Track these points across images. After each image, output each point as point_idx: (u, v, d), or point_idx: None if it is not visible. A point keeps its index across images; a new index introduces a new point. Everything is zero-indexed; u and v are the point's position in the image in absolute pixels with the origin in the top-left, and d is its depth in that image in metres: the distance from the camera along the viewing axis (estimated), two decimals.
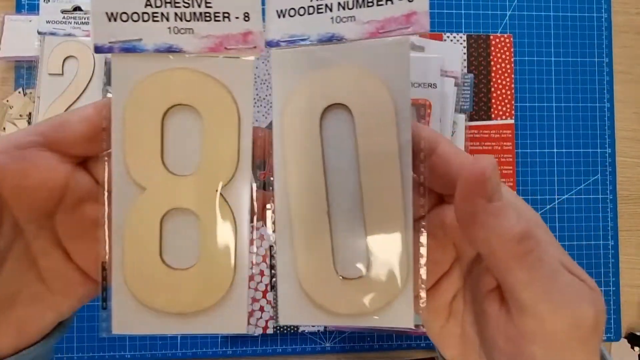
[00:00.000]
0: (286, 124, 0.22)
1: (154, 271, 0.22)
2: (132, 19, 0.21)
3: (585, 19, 0.54)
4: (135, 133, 0.22)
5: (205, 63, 0.22)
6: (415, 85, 0.45)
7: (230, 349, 0.49)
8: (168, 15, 0.21)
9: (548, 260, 0.20)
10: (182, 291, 0.22)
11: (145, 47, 0.21)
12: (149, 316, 0.22)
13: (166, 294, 0.22)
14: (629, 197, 0.54)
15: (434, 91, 0.45)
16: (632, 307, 0.54)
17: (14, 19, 0.47)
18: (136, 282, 0.22)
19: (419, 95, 0.45)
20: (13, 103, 0.47)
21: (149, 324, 0.22)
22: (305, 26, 0.21)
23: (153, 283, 0.22)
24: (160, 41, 0.21)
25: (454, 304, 0.24)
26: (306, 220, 0.22)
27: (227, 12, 0.21)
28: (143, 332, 0.22)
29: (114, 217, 0.22)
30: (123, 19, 0.21)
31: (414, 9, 0.21)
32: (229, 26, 0.21)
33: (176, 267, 0.22)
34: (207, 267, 0.22)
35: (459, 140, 0.50)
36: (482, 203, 0.20)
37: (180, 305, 0.22)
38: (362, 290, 0.22)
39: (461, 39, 0.52)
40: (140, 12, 0.21)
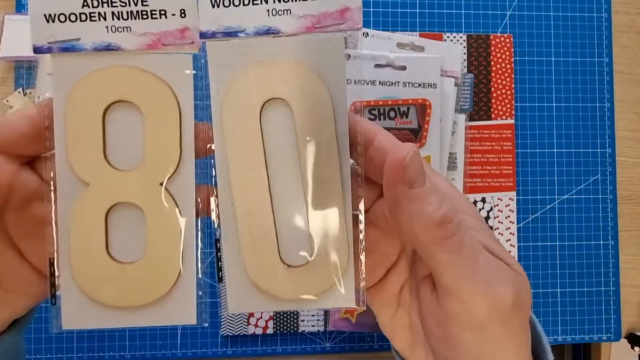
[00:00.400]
0: (226, 118, 0.22)
1: (100, 266, 0.22)
2: (70, 19, 0.22)
3: (585, 18, 0.54)
4: (76, 130, 0.22)
5: (144, 60, 0.22)
6: (415, 86, 0.46)
7: (230, 349, 0.49)
8: (105, 14, 0.22)
9: (470, 243, 0.21)
10: (129, 285, 0.22)
11: (84, 47, 0.22)
12: (98, 311, 0.22)
13: (114, 288, 0.22)
14: (629, 197, 0.54)
15: (433, 91, 0.46)
16: (632, 307, 0.54)
17: (14, 18, 0.47)
18: (84, 277, 0.22)
19: (419, 95, 0.45)
20: (13, 103, 0.47)
21: (99, 318, 0.22)
22: (240, 18, 0.22)
23: (100, 277, 0.22)
24: (98, 40, 0.22)
25: (402, 295, 0.25)
26: (250, 213, 0.22)
27: (164, 9, 0.22)
28: (93, 327, 0.23)
29: (60, 213, 0.22)
30: (61, 20, 0.22)
31: (347, 5, 0.21)
32: (166, 23, 0.22)
33: (123, 261, 0.22)
34: (153, 259, 0.22)
35: (459, 140, 0.50)
36: (404, 189, 0.20)
37: (128, 298, 0.22)
38: (307, 276, 0.23)
39: (461, 39, 0.52)
40: (77, 13, 0.22)
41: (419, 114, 0.45)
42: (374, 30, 0.49)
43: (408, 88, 0.45)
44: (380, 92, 0.45)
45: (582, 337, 0.52)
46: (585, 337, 0.52)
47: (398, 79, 0.46)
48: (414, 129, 0.45)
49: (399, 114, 0.45)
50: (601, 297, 0.53)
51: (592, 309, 0.52)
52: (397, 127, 0.45)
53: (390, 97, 0.45)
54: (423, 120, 0.45)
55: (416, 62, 0.46)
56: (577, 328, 0.52)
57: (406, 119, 0.45)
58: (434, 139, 0.45)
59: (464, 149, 0.50)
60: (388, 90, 0.45)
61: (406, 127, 0.45)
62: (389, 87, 0.45)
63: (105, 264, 0.22)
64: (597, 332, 0.53)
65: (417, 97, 0.45)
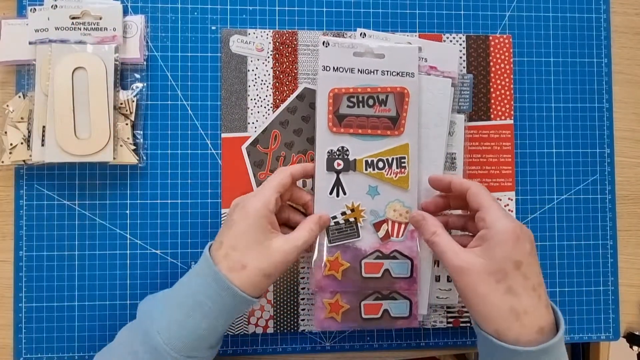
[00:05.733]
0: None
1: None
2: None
3: (584, 19, 0.54)
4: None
5: None
6: (394, 74, 0.47)
7: (231, 349, 0.49)
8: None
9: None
10: None
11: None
12: None
13: None
14: (627, 197, 0.55)
15: (411, 80, 0.47)
16: (631, 306, 0.54)
17: (12, 22, 0.47)
18: None
19: (397, 83, 0.47)
20: (13, 107, 0.47)
21: None
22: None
23: None
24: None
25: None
26: None
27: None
28: None
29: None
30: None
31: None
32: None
33: None
34: None
35: (458, 141, 0.50)
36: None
37: None
38: None
39: (461, 40, 0.52)
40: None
41: (397, 102, 0.46)
42: (371, 31, 0.49)
43: (387, 76, 0.47)
44: (359, 79, 0.46)
45: (581, 336, 0.53)
46: (584, 337, 0.53)
47: (377, 67, 0.47)
48: (392, 117, 0.46)
49: (378, 101, 0.46)
50: (600, 297, 0.53)
51: (590, 308, 0.53)
52: (376, 115, 0.46)
53: (369, 84, 0.46)
54: (401, 108, 0.46)
55: (394, 51, 0.47)
56: (576, 327, 0.53)
57: (385, 106, 0.46)
58: (412, 127, 0.47)
59: (464, 149, 0.50)
60: (367, 79, 0.46)
61: (385, 115, 0.46)
62: (367, 75, 0.46)
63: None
64: (596, 332, 0.53)
65: (396, 85, 0.47)
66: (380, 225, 0.47)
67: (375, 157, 0.46)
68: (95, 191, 0.49)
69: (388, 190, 0.47)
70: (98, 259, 0.48)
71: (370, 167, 0.46)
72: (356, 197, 0.46)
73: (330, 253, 0.46)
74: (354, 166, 0.46)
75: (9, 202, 0.48)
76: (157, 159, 0.49)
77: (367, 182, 0.47)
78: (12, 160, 0.46)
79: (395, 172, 0.47)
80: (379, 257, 0.46)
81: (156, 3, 0.50)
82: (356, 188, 0.46)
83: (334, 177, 0.46)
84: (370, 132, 0.46)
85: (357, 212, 0.46)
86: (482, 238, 0.39)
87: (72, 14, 0.47)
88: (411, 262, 0.46)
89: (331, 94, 0.46)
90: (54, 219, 0.48)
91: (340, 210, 0.46)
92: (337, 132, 0.46)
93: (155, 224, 0.49)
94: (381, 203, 0.47)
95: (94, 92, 0.46)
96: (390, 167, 0.46)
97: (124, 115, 0.48)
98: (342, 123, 0.46)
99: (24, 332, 0.47)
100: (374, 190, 0.47)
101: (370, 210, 0.47)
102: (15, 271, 0.48)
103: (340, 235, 0.46)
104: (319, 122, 0.46)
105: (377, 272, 0.46)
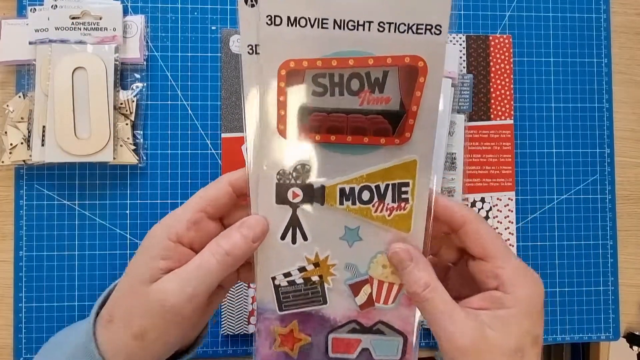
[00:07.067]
0: None
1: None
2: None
3: (584, 19, 0.54)
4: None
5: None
6: (401, 30, 0.25)
7: (231, 349, 0.49)
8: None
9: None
10: None
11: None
12: None
13: None
14: (627, 197, 0.55)
15: (432, 41, 0.26)
16: (630, 306, 0.54)
17: (11, 22, 0.47)
18: None
19: (406, 48, 0.26)
20: (13, 107, 0.47)
21: None
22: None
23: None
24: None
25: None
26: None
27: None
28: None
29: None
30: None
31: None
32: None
33: None
34: None
35: (458, 141, 0.50)
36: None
37: None
38: None
39: (461, 40, 0.52)
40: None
41: (402, 85, 0.26)
42: None
43: (387, 34, 0.25)
44: (335, 42, 0.26)
45: (581, 336, 0.53)
46: (584, 337, 0.53)
47: (369, 17, 0.25)
48: (392, 112, 0.27)
49: (368, 83, 0.26)
50: (600, 297, 0.53)
51: (591, 308, 0.53)
52: (363, 109, 0.27)
53: (353, 52, 0.26)
54: (410, 96, 0.26)
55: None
56: (576, 327, 0.52)
57: (380, 93, 0.26)
58: (426, 130, 0.27)
59: (464, 149, 0.50)
60: (350, 39, 0.25)
61: (379, 110, 0.27)
62: (351, 33, 0.25)
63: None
64: (596, 332, 0.53)
65: (403, 52, 0.25)
66: (360, 287, 0.31)
67: (358, 183, 0.29)
68: (95, 191, 0.49)
69: (376, 235, 0.30)
70: (98, 259, 0.48)
71: (348, 198, 0.29)
72: (324, 244, 0.30)
73: (283, 322, 0.31)
74: (322, 197, 0.29)
75: (9, 202, 0.48)
76: (157, 159, 0.49)
77: (343, 222, 0.30)
78: (12, 160, 0.46)
79: (390, 208, 0.29)
80: (356, 331, 0.32)
81: (156, 3, 0.50)
82: (324, 230, 0.30)
83: (288, 214, 0.29)
84: (351, 139, 0.28)
85: (324, 268, 0.30)
86: (495, 301, 0.29)
87: (72, 14, 0.47)
88: (404, 340, 0.32)
89: (283, 70, 0.27)
90: (54, 219, 0.48)
91: (298, 264, 0.30)
92: (293, 138, 0.28)
93: (155, 224, 0.49)
94: (364, 254, 0.30)
95: (94, 92, 0.46)
96: (381, 198, 0.29)
97: (124, 115, 0.48)
98: (303, 123, 0.27)
99: (24, 332, 0.47)
100: (354, 235, 0.30)
101: (345, 264, 0.31)
102: (15, 271, 0.48)
103: (297, 300, 0.31)
104: (261, 120, 0.28)
105: (350, 352, 0.32)
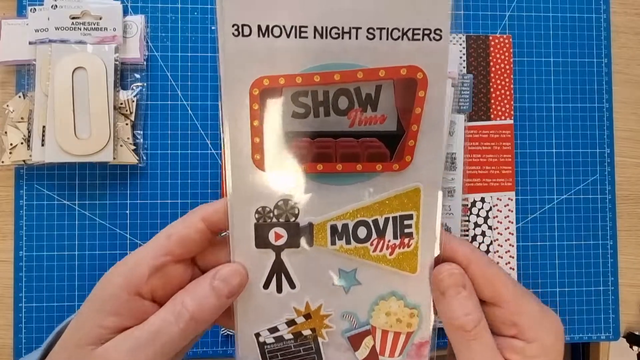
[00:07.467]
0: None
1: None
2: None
3: (584, 19, 0.54)
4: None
5: None
6: (395, 36, 0.23)
7: (231, 348, 0.49)
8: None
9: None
10: None
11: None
12: None
13: None
14: (627, 197, 0.55)
15: (433, 47, 0.23)
16: (631, 306, 0.54)
17: (11, 22, 0.47)
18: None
19: (403, 58, 0.23)
20: (13, 107, 0.47)
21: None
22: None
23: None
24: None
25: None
26: None
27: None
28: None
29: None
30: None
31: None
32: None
33: None
34: None
35: (458, 141, 0.50)
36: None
37: None
38: None
39: (460, 40, 0.52)
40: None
41: (400, 102, 0.23)
42: None
43: (379, 41, 0.22)
44: (318, 53, 0.23)
45: (581, 336, 0.53)
46: (584, 337, 0.53)
47: (358, 22, 0.22)
48: (388, 134, 0.24)
49: (358, 100, 0.23)
50: (600, 297, 0.53)
51: (590, 308, 0.53)
52: (354, 131, 0.24)
53: (339, 64, 0.23)
54: (409, 113, 0.23)
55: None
56: (576, 327, 0.52)
57: (373, 112, 0.23)
58: (430, 152, 0.24)
59: (464, 149, 0.50)
60: (335, 49, 0.23)
61: (373, 131, 0.24)
62: (336, 42, 0.22)
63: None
64: (596, 332, 0.53)
65: (396, 62, 0.23)
66: (361, 339, 0.27)
67: (352, 219, 0.25)
68: (95, 191, 0.49)
69: (376, 278, 0.26)
70: (98, 259, 0.48)
71: (341, 237, 0.25)
72: (315, 291, 0.26)
73: None
74: (310, 237, 0.25)
75: (9, 202, 0.48)
76: (157, 159, 0.49)
77: (337, 264, 0.26)
78: (12, 160, 0.46)
79: (392, 245, 0.26)
80: None
81: (156, 3, 0.50)
82: (315, 276, 0.26)
83: (270, 259, 0.26)
84: (341, 167, 0.24)
85: (317, 319, 0.27)
86: (518, 352, 0.27)
87: (72, 14, 0.47)
88: None
89: (255, 89, 0.23)
90: (54, 219, 0.48)
91: (285, 317, 0.27)
92: (273, 170, 0.24)
93: (155, 224, 0.49)
94: (363, 300, 0.27)
95: (94, 92, 0.46)
96: (381, 235, 0.26)
97: (124, 115, 0.48)
98: (283, 151, 0.24)
99: (24, 332, 0.47)
100: (350, 279, 0.26)
101: (342, 313, 0.27)
102: (15, 271, 0.48)
103: (287, 359, 0.27)
104: (232, 150, 0.24)
105: None
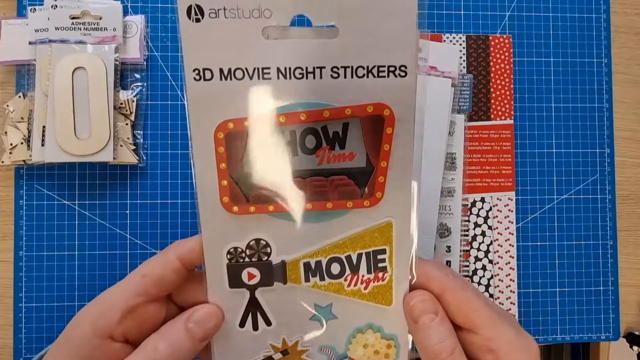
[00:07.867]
0: None
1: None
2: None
3: (584, 19, 0.54)
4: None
5: None
6: (360, 74, 0.23)
7: None
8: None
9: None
10: None
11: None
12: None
13: None
14: (627, 197, 0.55)
15: (399, 84, 0.23)
16: (630, 306, 0.54)
17: (11, 22, 0.47)
18: None
19: (370, 95, 0.23)
20: (13, 107, 0.47)
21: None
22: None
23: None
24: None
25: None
26: None
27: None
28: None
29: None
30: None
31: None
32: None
33: None
34: None
35: (458, 141, 0.50)
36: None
37: None
38: None
39: (460, 40, 0.52)
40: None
41: (368, 138, 0.23)
42: None
43: (342, 80, 0.23)
44: (280, 94, 0.23)
45: (581, 336, 0.53)
46: (584, 337, 0.53)
47: (321, 61, 0.23)
48: (358, 171, 0.24)
49: (325, 139, 0.23)
50: (600, 297, 0.53)
51: (590, 308, 0.53)
52: (323, 170, 0.24)
53: (305, 103, 0.23)
54: (377, 149, 0.23)
55: (361, 14, 0.23)
56: (576, 327, 0.52)
57: (341, 149, 0.23)
58: (401, 186, 0.24)
59: (463, 149, 0.50)
60: (298, 90, 0.23)
61: (342, 168, 0.24)
62: (300, 83, 0.23)
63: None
64: (596, 332, 0.53)
65: (362, 100, 0.23)
66: None
67: (325, 255, 0.25)
68: (95, 191, 0.49)
69: (352, 312, 0.27)
70: (98, 259, 0.48)
71: (315, 274, 0.26)
72: (291, 327, 0.26)
73: None
74: (283, 275, 0.25)
75: (9, 202, 0.48)
76: (157, 159, 0.49)
77: (312, 300, 0.26)
78: (12, 160, 0.46)
79: (366, 280, 0.26)
80: None
81: (156, 3, 0.50)
82: (291, 312, 0.26)
83: (245, 298, 0.26)
84: (311, 206, 0.24)
85: (295, 355, 0.27)
86: None
87: (72, 14, 0.47)
88: None
89: (220, 133, 0.23)
90: (54, 219, 0.48)
91: (262, 354, 0.27)
92: (243, 212, 0.24)
93: (155, 224, 0.49)
94: (340, 333, 0.27)
95: (94, 92, 0.46)
96: (354, 270, 0.26)
97: (124, 115, 0.48)
98: (253, 192, 0.24)
99: (24, 332, 0.47)
100: (326, 313, 0.27)
101: (319, 347, 0.27)
102: (15, 271, 0.48)
103: None
104: (200, 192, 0.24)
105: None
